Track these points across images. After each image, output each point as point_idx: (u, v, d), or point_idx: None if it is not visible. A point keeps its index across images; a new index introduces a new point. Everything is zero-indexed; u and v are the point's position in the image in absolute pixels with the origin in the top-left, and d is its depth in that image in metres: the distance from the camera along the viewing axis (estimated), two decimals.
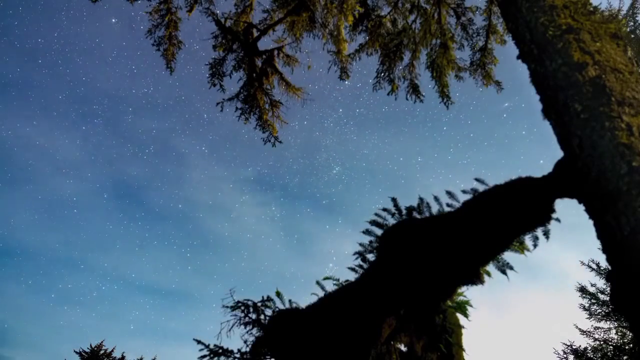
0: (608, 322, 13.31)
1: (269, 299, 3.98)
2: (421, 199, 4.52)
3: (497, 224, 2.93)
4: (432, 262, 3.11)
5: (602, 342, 13.16)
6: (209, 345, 3.79)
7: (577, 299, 14.05)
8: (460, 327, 4.69)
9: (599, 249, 1.85)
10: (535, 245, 3.70)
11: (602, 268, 13.42)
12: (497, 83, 7.68)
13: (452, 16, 7.35)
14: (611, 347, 12.95)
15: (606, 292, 13.44)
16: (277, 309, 3.87)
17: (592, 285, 13.89)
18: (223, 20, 7.11)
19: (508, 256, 4.02)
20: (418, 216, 4.48)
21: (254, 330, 3.76)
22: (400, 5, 7.32)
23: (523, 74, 2.57)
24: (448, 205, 4.13)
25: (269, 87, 7.68)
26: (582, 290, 13.97)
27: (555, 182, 2.59)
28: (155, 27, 7.06)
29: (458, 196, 4.03)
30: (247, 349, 3.68)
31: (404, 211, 4.61)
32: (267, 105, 7.73)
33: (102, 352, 18.77)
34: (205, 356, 3.78)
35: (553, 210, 2.86)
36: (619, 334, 13.11)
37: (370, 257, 4.64)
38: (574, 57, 2.11)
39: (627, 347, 12.71)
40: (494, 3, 7.00)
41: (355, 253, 4.75)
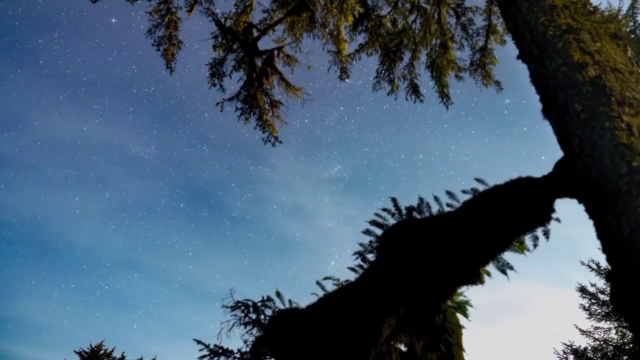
0: (608, 322, 13.31)
1: (269, 299, 3.98)
2: (421, 199, 4.52)
3: (497, 224, 2.93)
4: (432, 262, 3.11)
5: (602, 342, 13.17)
6: (209, 345, 3.79)
7: (577, 298, 14.07)
8: (460, 327, 4.69)
9: (599, 249, 1.85)
10: (535, 245, 3.70)
11: (602, 268, 13.43)
12: (497, 83, 7.67)
13: (452, 16, 7.35)
14: (611, 347, 12.95)
15: (606, 292, 13.44)
16: (277, 309, 3.87)
17: (592, 285, 13.90)
18: (223, 20, 7.11)
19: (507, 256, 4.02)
20: (418, 216, 4.47)
21: (254, 330, 3.76)
22: (400, 5, 7.31)
23: (523, 71, 2.56)
24: (448, 205, 4.13)
25: (269, 87, 7.68)
26: (582, 290, 13.97)
27: (555, 182, 2.59)
28: (155, 27, 7.06)
29: (458, 196, 4.04)
30: (247, 349, 3.68)
31: (404, 211, 4.61)
32: (267, 105, 7.73)
33: (102, 352, 18.78)
34: (205, 356, 3.78)
35: (553, 210, 2.86)
36: (619, 334, 13.11)
37: (370, 257, 4.64)
38: (574, 57, 2.11)
39: (627, 347, 12.71)
40: (494, 3, 6.99)
41: (355, 253, 4.75)
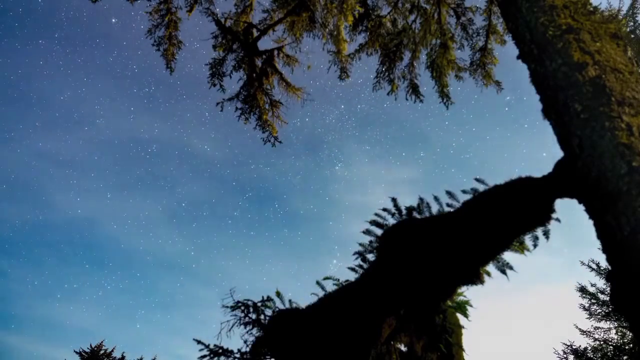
0: (608, 322, 13.31)
1: (269, 299, 3.97)
2: (421, 199, 4.52)
3: (497, 224, 2.93)
4: (432, 262, 3.11)
5: (602, 342, 13.17)
6: (209, 345, 3.79)
7: (577, 298, 14.07)
8: (460, 327, 4.69)
9: (599, 249, 1.85)
10: (535, 245, 3.71)
11: (602, 268, 13.43)
12: (497, 83, 7.68)
13: (452, 16, 7.34)
14: (611, 347, 12.95)
15: (606, 292, 13.44)
16: (277, 309, 3.87)
17: (592, 285, 13.89)
18: (223, 20, 7.10)
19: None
20: (418, 216, 4.47)
21: (254, 330, 3.76)
22: (400, 5, 7.31)
23: (524, 69, 2.56)
24: (448, 205, 4.13)
25: (269, 87, 7.68)
26: (582, 290, 13.97)
27: (555, 182, 2.59)
28: (155, 27, 7.06)
29: (458, 196, 4.04)
30: (247, 349, 3.68)
31: (404, 211, 4.61)
32: (267, 105, 7.73)
33: (102, 352, 18.77)
34: (205, 356, 3.78)
35: (553, 210, 2.86)
36: (619, 334, 13.11)
37: (370, 257, 4.64)
38: (574, 57, 2.11)
39: (627, 347, 12.70)
40: (494, 3, 6.99)
41: (355, 253, 4.75)
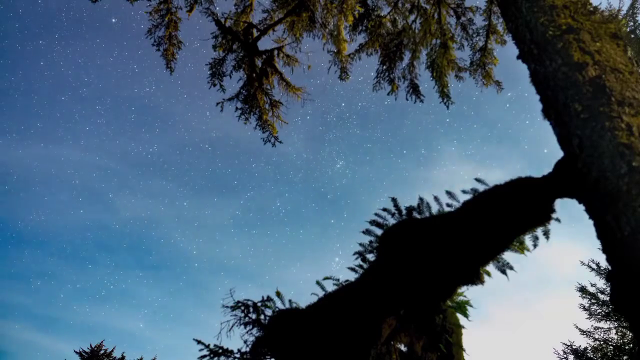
0: (608, 322, 13.31)
1: (269, 298, 3.97)
2: (421, 198, 4.52)
3: (497, 224, 2.93)
4: (432, 262, 3.10)
5: (602, 342, 13.17)
6: (209, 345, 3.79)
7: (577, 298, 14.07)
8: (460, 327, 4.68)
9: (599, 249, 1.85)
10: (535, 245, 3.70)
11: (602, 268, 13.43)
12: (497, 83, 7.68)
13: (452, 16, 7.35)
14: (611, 347, 12.95)
15: (606, 292, 13.44)
16: (277, 309, 3.87)
17: (592, 285, 13.90)
18: (223, 20, 7.11)
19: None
20: (418, 216, 4.47)
21: (254, 330, 3.76)
22: (400, 5, 7.31)
23: (524, 67, 2.56)
24: (448, 205, 4.13)
25: (269, 87, 7.68)
26: (582, 290, 13.97)
27: (555, 182, 2.59)
28: (155, 27, 7.06)
29: (458, 196, 4.03)
30: (247, 349, 3.68)
31: (404, 211, 4.61)
32: (267, 105, 7.73)
33: (102, 352, 18.78)
34: (205, 356, 3.78)
35: (553, 210, 2.86)
36: (619, 334, 13.11)
37: (370, 257, 4.64)
38: (574, 57, 2.11)
39: (627, 347, 12.70)
40: (494, 3, 6.99)
41: (355, 253, 4.75)
